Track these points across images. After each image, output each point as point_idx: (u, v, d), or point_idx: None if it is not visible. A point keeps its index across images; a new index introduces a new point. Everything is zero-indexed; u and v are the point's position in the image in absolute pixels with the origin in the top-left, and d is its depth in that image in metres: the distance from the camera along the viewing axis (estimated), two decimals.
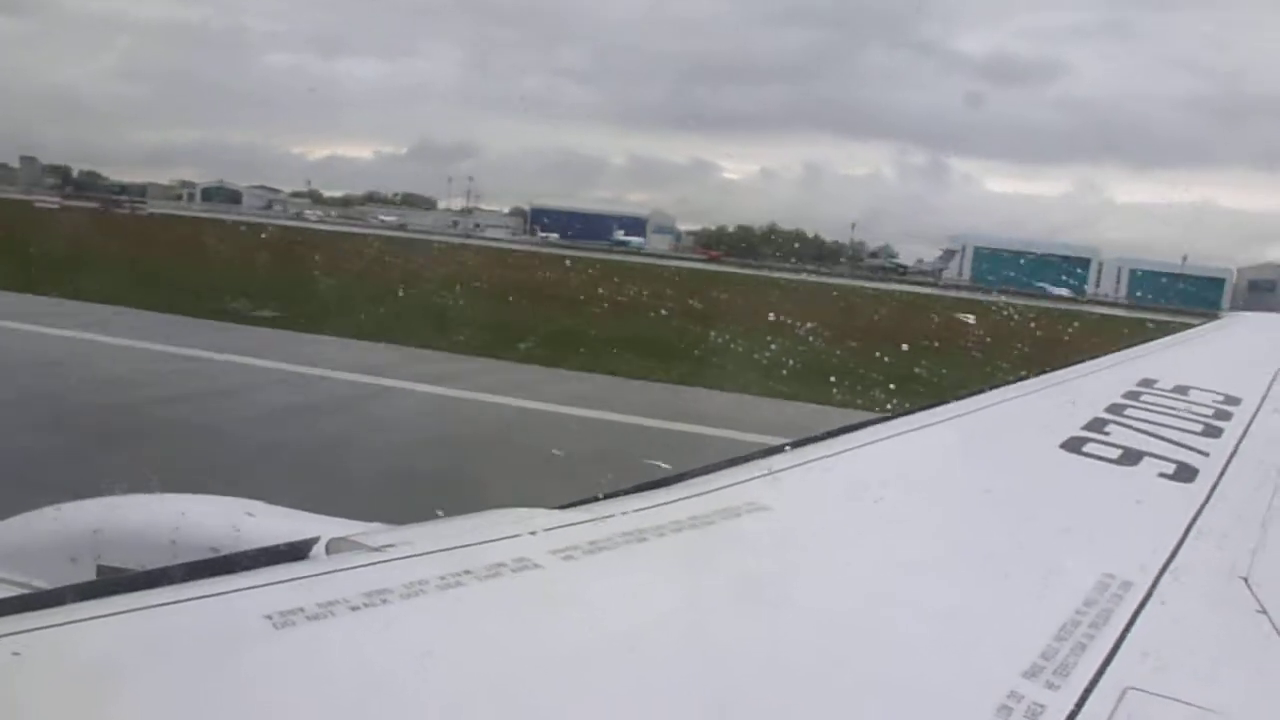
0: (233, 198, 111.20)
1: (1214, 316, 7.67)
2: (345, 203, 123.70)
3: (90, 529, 2.37)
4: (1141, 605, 1.38)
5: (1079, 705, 1.07)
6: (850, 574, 1.45)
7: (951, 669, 1.16)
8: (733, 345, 15.34)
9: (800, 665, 1.12)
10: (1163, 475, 2.14)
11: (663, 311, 22.65)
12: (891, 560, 1.54)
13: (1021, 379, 3.18)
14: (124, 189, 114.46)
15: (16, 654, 0.86)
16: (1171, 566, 1.58)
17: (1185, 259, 75.35)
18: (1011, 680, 1.10)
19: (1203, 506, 1.96)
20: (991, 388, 2.95)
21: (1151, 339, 4.86)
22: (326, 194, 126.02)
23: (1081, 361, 3.68)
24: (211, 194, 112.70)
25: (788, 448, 1.98)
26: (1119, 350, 4.09)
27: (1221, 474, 2.22)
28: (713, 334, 16.78)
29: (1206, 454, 2.35)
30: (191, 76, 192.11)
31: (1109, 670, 1.16)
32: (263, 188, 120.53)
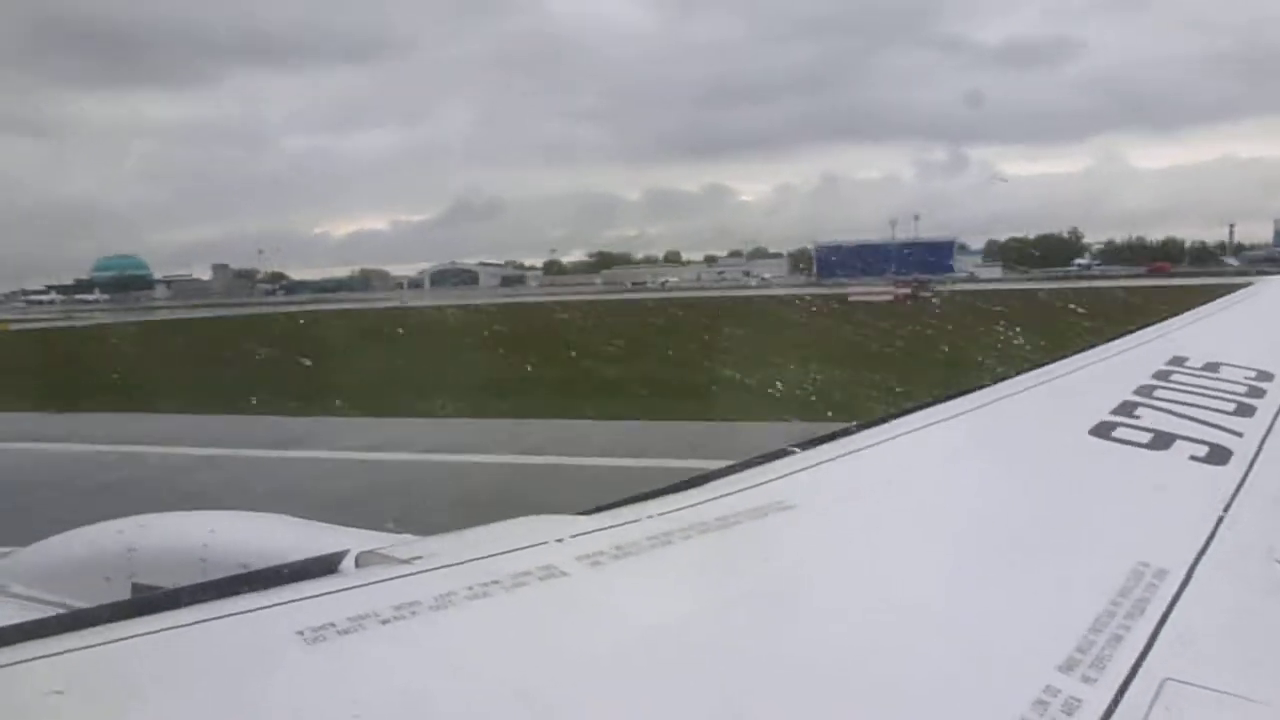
0: (469, 279, 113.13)
1: None
2: (552, 269, 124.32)
3: (124, 548, 2.36)
4: (1178, 594, 1.35)
5: (1117, 698, 1.05)
6: (879, 570, 1.43)
7: (986, 664, 1.14)
8: None
9: (832, 664, 1.11)
10: (1195, 458, 2.08)
11: None
12: (922, 555, 1.52)
13: (1048, 362, 3.10)
14: (341, 284, 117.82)
15: (59, 673, 0.89)
16: (1208, 552, 1.54)
17: None
18: (1047, 674, 1.08)
19: (1238, 489, 1.91)
20: (1018, 373, 2.86)
21: None
22: (528, 262, 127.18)
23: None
24: (445, 277, 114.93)
25: (812, 444, 1.97)
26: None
27: (1256, 454, 2.14)
28: None
29: (1240, 434, 2.28)
30: (208, 171, 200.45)
31: (1146, 662, 1.14)
32: (486, 264, 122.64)
